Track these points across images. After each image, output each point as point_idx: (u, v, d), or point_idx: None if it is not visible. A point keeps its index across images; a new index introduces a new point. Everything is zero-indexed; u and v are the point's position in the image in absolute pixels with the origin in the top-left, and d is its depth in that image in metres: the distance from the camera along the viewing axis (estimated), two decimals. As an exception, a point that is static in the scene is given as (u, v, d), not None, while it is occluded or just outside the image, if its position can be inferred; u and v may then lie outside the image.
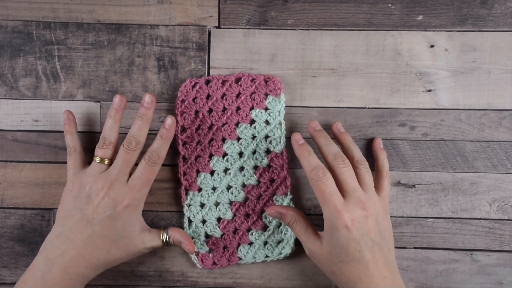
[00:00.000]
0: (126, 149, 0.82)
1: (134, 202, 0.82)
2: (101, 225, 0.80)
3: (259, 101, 0.88)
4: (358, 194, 0.79)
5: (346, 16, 0.89)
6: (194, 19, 0.89)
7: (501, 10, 0.89)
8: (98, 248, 0.80)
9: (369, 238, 0.77)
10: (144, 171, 0.82)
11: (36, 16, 0.89)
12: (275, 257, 0.89)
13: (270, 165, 0.89)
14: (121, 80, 0.90)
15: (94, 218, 0.80)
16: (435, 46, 0.89)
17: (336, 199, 0.78)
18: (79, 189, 0.82)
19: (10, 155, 0.90)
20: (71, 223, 0.80)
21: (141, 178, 0.82)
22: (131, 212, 0.82)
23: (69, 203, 0.82)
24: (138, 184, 0.82)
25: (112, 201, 0.80)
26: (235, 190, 0.89)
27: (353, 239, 0.77)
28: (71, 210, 0.81)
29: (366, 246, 0.77)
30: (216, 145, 0.89)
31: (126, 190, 0.81)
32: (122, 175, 0.81)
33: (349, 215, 0.77)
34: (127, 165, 0.82)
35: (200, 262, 0.90)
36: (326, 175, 0.79)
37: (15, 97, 0.90)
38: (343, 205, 0.77)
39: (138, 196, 0.82)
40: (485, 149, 0.90)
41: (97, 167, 0.82)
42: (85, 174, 0.82)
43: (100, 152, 0.83)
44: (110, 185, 0.81)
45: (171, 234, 0.86)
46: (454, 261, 0.90)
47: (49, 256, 0.79)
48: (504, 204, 0.90)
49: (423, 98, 0.89)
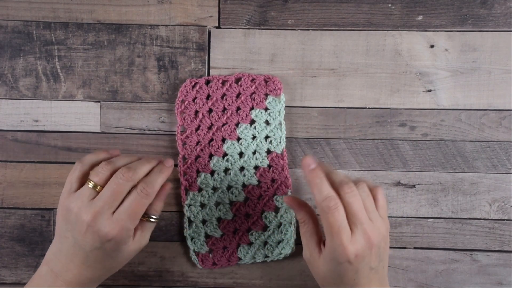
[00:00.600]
0: (119, 177, 0.76)
1: (119, 237, 0.77)
2: (92, 253, 0.77)
3: (259, 101, 0.88)
4: (365, 226, 0.74)
5: (346, 16, 0.89)
6: (194, 19, 0.89)
7: (501, 10, 0.89)
8: (97, 268, 0.79)
9: (368, 267, 0.75)
10: (133, 203, 0.76)
11: (36, 16, 0.89)
12: (275, 257, 0.89)
13: (270, 165, 0.89)
14: (121, 80, 0.90)
15: (85, 246, 0.76)
16: (435, 46, 0.89)
17: (344, 234, 0.73)
18: (67, 214, 0.77)
19: (10, 155, 0.90)
20: (66, 245, 0.78)
21: (128, 211, 0.76)
22: (118, 244, 0.77)
23: (62, 224, 0.78)
24: (125, 218, 0.76)
25: (96, 234, 0.75)
26: (235, 190, 0.89)
27: (352, 270, 0.74)
28: (64, 231, 0.78)
29: (363, 274, 0.75)
30: (216, 145, 0.89)
31: (110, 225, 0.75)
32: (108, 207, 0.76)
33: (354, 250, 0.73)
34: (115, 197, 0.76)
35: (200, 262, 0.90)
36: (338, 208, 0.73)
37: (15, 97, 0.90)
38: (349, 241, 0.73)
39: (123, 231, 0.77)
40: (485, 149, 0.90)
41: (87, 193, 0.76)
42: (74, 197, 0.77)
43: (98, 176, 0.77)
44: (93, 218, 0.75)
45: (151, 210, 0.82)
46: (454, 261, 0.91)
47: (54, 269, 0.78)
48: (504, 204, 0.90)
49: (423, 98, 0.89)
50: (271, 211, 0.89)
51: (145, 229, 0.82)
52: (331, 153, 0.90)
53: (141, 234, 0.81)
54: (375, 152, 0.90)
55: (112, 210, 0.76)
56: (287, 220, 0.89)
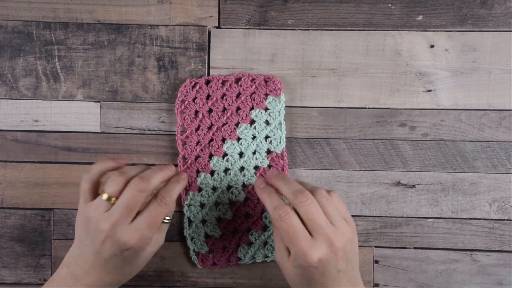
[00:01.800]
0: (133, 187, 0.75)
1: (138, 246, 0.77)
2: (111, 260, 0.77)
3: (259, 101, 0.88)
4: (326, 231, 0.73)
5: (346, 16, 0.89)
6: (194, 19, 0.89)
7: (501, 10, 0.89)
8: (116, 274, 0.79)
9: (335, 270, 0.74)
10: (152, 213, 0.77)
11: (36, 16, 0.89)
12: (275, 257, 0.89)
13: (270, 165, 0.89)
14: (121, 80, 0.90)
15: (104, 254, 0.76)
16: (435, 46, 0.89)
17: (302, 239, 0.73)
18: (86, 223, 0.77)
19: (10, 155, 0.90)
20: (86, 251, 0.78)
21: (147, 220, 0.76)
22: (136, 251, 0.77)
23: (81, 231, 0.78)
24: (143, 227, 0.76)
25: (115, 244, 0.75)
26: (235, 190, 0.89)
27: (319, 274, 0.74)
28: (83, 238, 0.78)
29: (331, 277, 0.75)
30: (216, 145, 0.89)
31: (129, 234, 0.75)
32: (124, 217, 0.75)
33: (317, 255, 0.72)
34: (131, 208, 0.75)
35: (200, 263, 0.90)
36: (289, 213, 0.73)
37: (15, 97, 0.90)
38: (309, 246, 0.73)
39: (142, 239, 0.76)
40: (485, 149, 0.90)
41: (102, 204, 0.76)
42: (92, 208, 0.76)
43: (111, 188, 0.76)
44: (111, 228, 0.75)
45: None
46: (454, 261, 0.91)
47: (74, 272, 0.78)
48: (504, 204, 0.90)
49: (423, 98, 0.89)
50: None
51: (160, 231, 0.82)
52: (331, 153, 0.90)
53: (157, 236, 0.81)
54: (375, 152, 0.90)
55: (130, 220, 0.76)
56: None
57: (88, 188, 0.78)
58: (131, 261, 0.79)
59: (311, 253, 0.72)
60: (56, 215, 0.91)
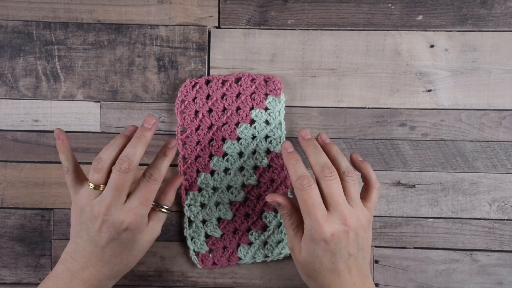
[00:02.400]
0: (118, 171, 0.76)
1: (134, 224, 0.77)
2: (108, 247, 0.78)
3: (259, 101, 0.88)
4: (342, 208, 0.76)
5: (346, 16, 0.89)
6: (194, 19, 0.89)
7: (501, 10, 0.89)
8: (114, 263, 0.79)
9: (346, 251, 0.76)
10: (143, 190, 0.78)
11: (36, 16, 0.89)
12: (275, 257, 0.89)
13: (270, 165, 0.89)
14: (121, 80, 0.90)
15: (100, 241, 0.77)
16: (435, 46, 0.89)
17: (318, 211, 0.75)
18: (79, 212, 0.79)
19: (10, 155, 0.90)
20: (82, 243, 0.78)
21: (139, 197, 0.77)
22: (134, 232, 0.78)
23: (76, 223, 0.79)
24: (136, 205, 0.77)
25: (111, 226, 0.77)
26: (235, 190, 0.89)
27: (330, 251, 0.75)
28: (79, 231, 0.79)
29: (342, 259, 0.76)
30: (216, 145, 0.89)
31: (124, 213, 0.77)
32: (117, 199, 0.76)
33: (330, 229, 0.75)
34: (120, 189, 0.76)
35: (200, 262, 0.90)
36: (312, 185, 0.76)
37: (15, 97, 0.90)
38: (324, 219, 0.75)
39: (138, 217, 0.77)
40: (485, 149, 0.90)
41: (91, 192, 0.78)
42: (83, 197, 0.78)
43: (94, 177, 0.77)
44: (105, 211, 0.76)
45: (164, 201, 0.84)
46: (454, 261, 0.91)
47: (70, 268, 0.78)
48: (504, 204, 0.90)
49: (423, 98, 0.89)
50: (271, 211, 0.89)
51: (157, 219, 0.83)
52: (331, 153, 0.90)
53: (153, 223, 0.82)
54: (375, 152, 0.90)
55: (123, 201, 0.77)
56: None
57: (71, 179, 0.80)
58: (128, 245, 0.79)
59: (324, 226, 0.75)
60: (56, 215, 0.91)
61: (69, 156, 0.81)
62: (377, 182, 0.83)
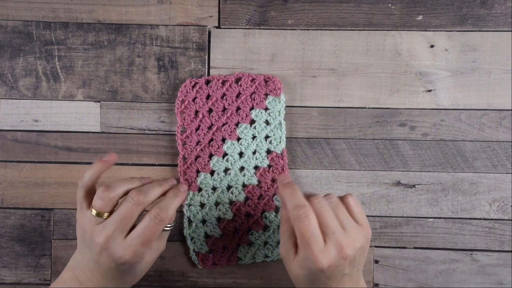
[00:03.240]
0: (130, 200, 0.75)
1: (132, 261, 0.76)
2: (110, 271, 0.77)
3: (259, 101, 0.88)
4: (337, 236, 0.73)
5: (346, 16, 0.89)
6: (194, 19, 0.89)
7: (501, 10, 0.89)
8: (116, 282, 0.78)
9: (341, 273, 0.74)
10: (146, 229, 0.75)
11: (36, 16, 0.89)
12: (275, 257, 0.89)
13: (270, 165, 0.89)
14: (121, 80, 0.90)
15: (102, 263, 0.76)
16: (435, 46, 0.89)
17: (315, 245, 0.72)
18: (82, 233, 0.77)
19: (10, 155, 0.90)
20: (86, 259, 0.78)
21: (141, 236, 0.75)
22: (132, 266, 0.77)
23: (80, 239, 0.79)
24: (137, 244, 0.75)
25: (110, 257, 0.75)
26: (235, 190, 0.89)
27: (325, 276, 0.73)
28: (83, 247, 0.78)
29: (335, 279, 0.74)
30: (216, 145, 0.89)
31: (123, 249, 0.75)
32: (119, 231, 0.75)
33: (327, 261, 0.72)
34: (125, 222, 0.75)
35: (200, 262, 0.90)
36: (309, 216, 0.72)
37: (15, 97, 0.90)
38: (321, 251, 0.72)
39: (136, 255, 0.76)
40: (485, 149, 0.89)
41: (93, 218, 0.76)
42: (85, 219, 0.77)
43: (97, 204, 0.76)
44: (105, 241, 0.75)
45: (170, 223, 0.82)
46: (454, 261, 0.90)
47: (78, 277, 0.78)
48: (504, 204, 0.90)
49: (423, 98, 0.89)
50: (271, 211, 0.89)
51: (161, 238, 0.81)
52: (331, 153, 0.90)
53: (157, 243, 0.80)
54: (375, 152, 0.90)
55: (124, 234, 0.75)
56: (286, 218, 0.89)
57: (82, 195, 0.78)
58: (129, 272, 0.78)
59: (321, 259, 0.72)
60: (56, 215, 0.91)
61: (95, 177, 0.78)
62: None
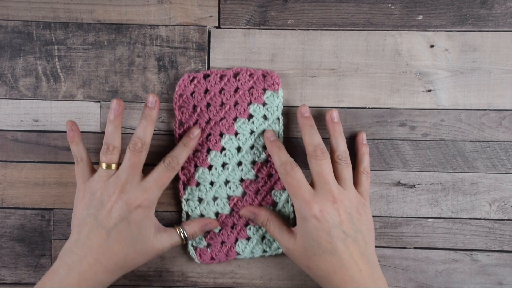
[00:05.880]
0: (132, 151, 0.81)
1: (146, 203, 0.81)
2: (116, 230, 0.80)
3: (257, 96, 0.88)
4: (330, 187, 0.79)
5: (346, 16, 0.89)
6: (194, 19, 0.90)
7: (501, 10, 0.89)
8: (115, 253, 0.80)
9: (341, 230, 0.77)
10: (161, 175, 0.82)
11: (36, 16, 0.90)
12: (273, 252, 0.89)
13: (268, 160, 0.89)
14: (121, 80, 0.90)
15: (108, 223, 0.79)
16: (435, 46, 0.89)
17: (305, 191, 0.79)
18: (90, 196, 0.81)
19: (10, 155, 0.91)
20: (86, 230, 0.80)
21: (157, 180, 0.82)
22: (143, 213, 0.81)
23: (82, 211, 0.81)
24: (153, 186, 0.82)
25: (124, 203, 0.80)
26: (233, 184, 0.89)
27: (323, 229, 0.77)
28: (85, 217, 0.81)
29: (338, 238, 0.77)
30: (214, 139, 0.89)
31: (139, 192, 0.81)
32: (132, 177, 0.81)
33: (318, 206, 0.78)
34: (135, 167, 0.81)
35: (198, 257, 0.89)
36: (294, 168, 0.80)
37: (15, 97, 0.90)
38: (312, 196, 0.79)
39: (151, 197, 0.82)
40: (485, 149, 0.89)
41: (104, 173, 0.82)
42: (94, 181, 0.82)
43: (106, 158, 0.82)
44: (121, 189, 0.80)
45: (186, 228, 0.86)
46: (454, 261, 0.90)
47: (68, 261, 0.79)
48: (504, 204, 0.90)
49: (423, 98, 0.89)
50: (268, 205, 0.89)
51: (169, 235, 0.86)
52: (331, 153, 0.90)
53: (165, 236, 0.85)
54: (375, 152, 0.90)
55: (138, 180, 0.82)
56: (285, 214, 0.89)
57: (82, 169, 0.84)
58: (134, 231, 0.81)
59: (312, 203, 0.78)
60: (56, 215, 0.91)
61: (81, 147, 0.84)
62: (367, 169, 0.86)
